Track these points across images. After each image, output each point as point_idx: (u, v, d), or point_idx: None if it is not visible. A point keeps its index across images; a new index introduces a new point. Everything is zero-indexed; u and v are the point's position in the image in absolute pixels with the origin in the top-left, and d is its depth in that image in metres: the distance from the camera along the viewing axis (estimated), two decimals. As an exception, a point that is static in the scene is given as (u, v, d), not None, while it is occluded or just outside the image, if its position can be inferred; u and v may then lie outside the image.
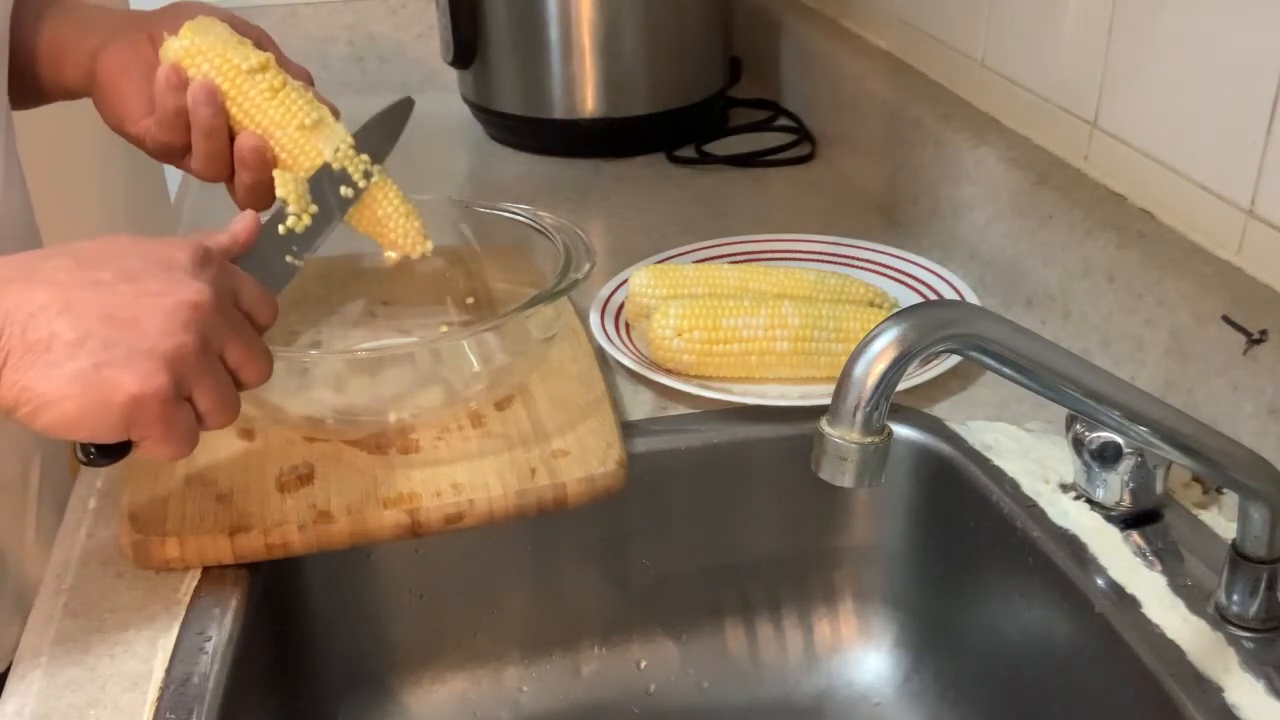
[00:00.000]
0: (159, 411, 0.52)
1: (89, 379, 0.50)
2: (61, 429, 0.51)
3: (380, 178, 0.71)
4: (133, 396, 0.51)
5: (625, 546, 0.81)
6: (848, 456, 0.49)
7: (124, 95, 0.69)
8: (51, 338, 0.50)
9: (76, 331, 0.51)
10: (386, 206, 0.70)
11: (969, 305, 0.80)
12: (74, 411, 0.51)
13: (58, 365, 0.50)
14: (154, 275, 0.53)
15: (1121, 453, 0.66)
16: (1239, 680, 0.57)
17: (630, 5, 1.19)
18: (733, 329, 0.79)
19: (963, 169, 0.94)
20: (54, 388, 0.50)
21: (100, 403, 0.51)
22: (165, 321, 0.52)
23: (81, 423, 0.51)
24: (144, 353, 0.51)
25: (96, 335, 0.51)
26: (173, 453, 0.54)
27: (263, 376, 0.58)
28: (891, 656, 0.82)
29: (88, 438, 0.53)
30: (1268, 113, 0.67)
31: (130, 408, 0.51)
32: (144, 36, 0.71)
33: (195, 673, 0.60)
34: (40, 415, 0.51)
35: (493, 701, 0.81)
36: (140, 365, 0.51)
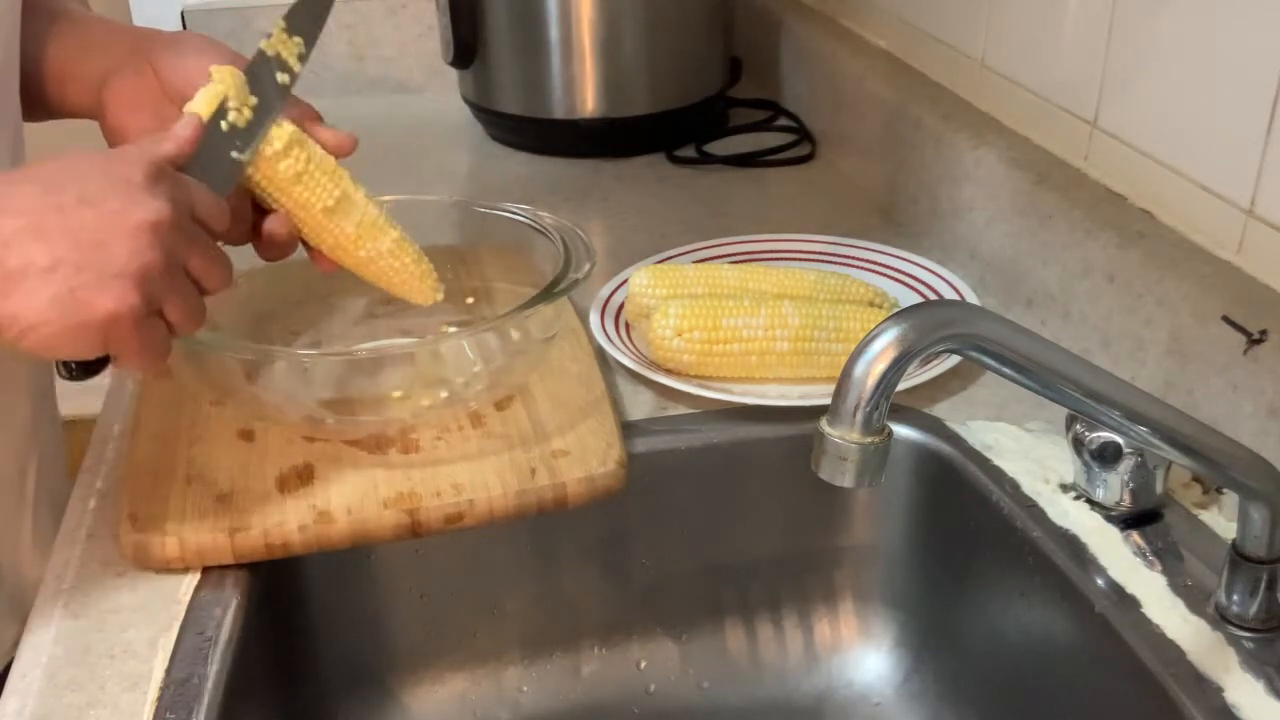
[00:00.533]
0: (133, 328, 0.56)
1: (65, 303, 0.54)
2: (45, 350, 0.56)
3: (399, 247, 0.70)
4: (108, 316, 0.55)
5: (625, 546, 0.81)
6: (848, 456, 0.49)
7: (129, 133, 0.69)
8: (27, 265, 0.54)
9: (48, 258, 0.54)
10: (404, 273, 0.70)
11: (969, 305, 0.80)
12: (54, 334, 0.55)
13: (35, 292, 0.54)
14: (114, 194, 0.56)
15: (1121, 453, 0.66)
16: (1239, 680, 0.57)
17: (630, 5, 1.19)
18: (733, 329, 0.79)
19: (963, 169, 0.94)
20: (34, 313, 0.54)
21: (79, 324, 0.55)
22: (130, 242, 0.55)
23: (62, 343, 0.55)
24: (114, 274, 0.55)
25: (67, 261, 0.54)
26: (147, 365, 0.58)
27: (224, 282, 0.61)
28: (891, 656, 0.82)
29: (70, 356, 0.57)
30: (1268, 113, 0.67)
31: (106, 327, 0.55)
32: (147, 67, 0.70)
33: (195, 673, 0.60)
34: (25, 338, 0.55)
35: (493, 701, 0.81)
36: (112, 287, 0.55)
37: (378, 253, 0.69)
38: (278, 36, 0.69)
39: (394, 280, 0.71)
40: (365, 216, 0.68)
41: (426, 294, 0.72)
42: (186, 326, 0.60)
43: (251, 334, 0.79)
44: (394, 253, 0.70)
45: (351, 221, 0.68)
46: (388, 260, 0.70)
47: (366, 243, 0.69)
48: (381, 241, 0.69)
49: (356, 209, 0.68)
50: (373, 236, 0.69)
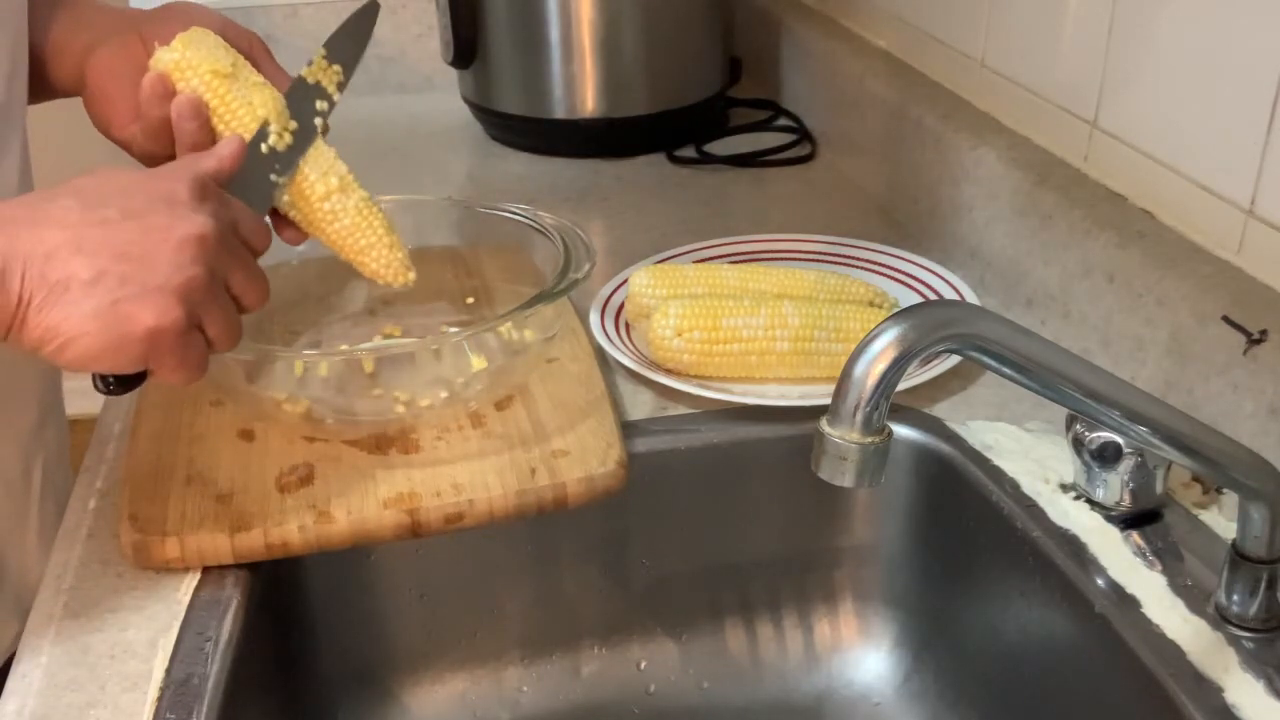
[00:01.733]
0: (174, 342, 0.55)
1: (108, 316, 0.53)
2: (86, 362, 0.55)
3: (368, 207, 0.69)
4: (150, 330, 0.54)
5: (625, 546, 0.81)
6: (848, 456, 0.49)
7: (112, 100, 0.70)
8: (69, 278, 0.53)
9: (91, 270, 0.53)
10: (370, 236, 0.69)
11: (969, 305, 0.80)
12: (96, 346, 0.54)
13: (77, 304, 0.53)
14: (158, 210, 0.56)
15: (1121, 453, 0.66)
16: (1239, 680, 0.57)
17: (630, 5, 1.19)
18: (733, 329, 0.79)
19: (963, 169, 0.94)
20: (76, 325, 0.53)
21: (120, 337, 0.54)
22: (174, 256, 0.55)
23: (103, 356, 0.54)
24: (157, 288, 0.54)
25: (111, 273, 0.54)
26: (186, 378, 0.58)
27: (262, 300, 0.61)
28: (891, 656, 0.82)
29: (109, 369, 0.57)
30: (1268, 113, 0.67)
31: (148, 341, 0.54)
32: (135, 39, 0.70)
33: (195, 673, 0.60)
34: (65, 351, 0.54)
35: (493, 701, 0.81)
36: (155, 300, 0.54)
37: (344, 209, 0.68)
38: (318, 64, 0.70)
39: (361, 246, 0.69)
40: (334, 169, 0.68)
41: (396, 269, 0.70)
42: (225, 342, 0.59)
43: (251, 334, 0.79)
44: (361, 211, 0.68)
45: (317, 171, 0.68)
46: (354, 218, 0.68)
47: (332, 195, 0.68)
48: (348, 198, 0.69)
49: (324, 159, 0.68)
50: (340, 190, 0.68)
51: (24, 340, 0.54)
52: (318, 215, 0.69)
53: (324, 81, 0.70)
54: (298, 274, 0.74)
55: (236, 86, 0.68)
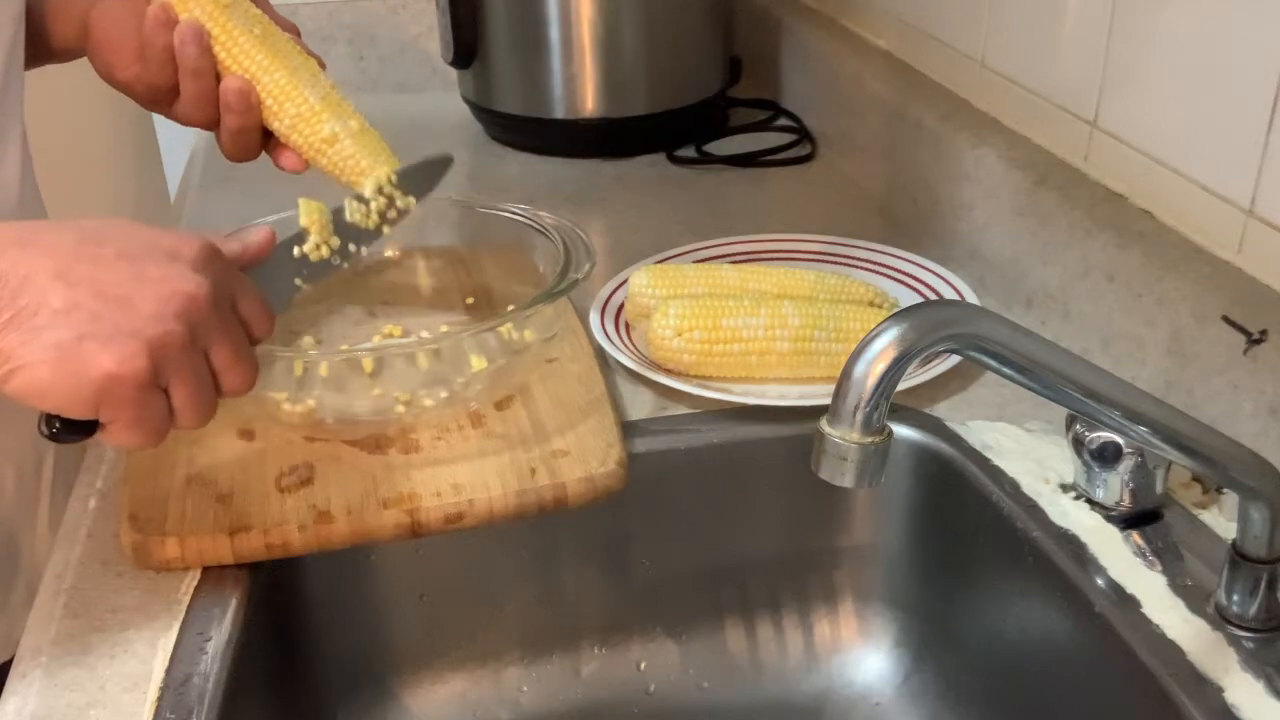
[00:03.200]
0: (131, 395, 0.51)
1: (67, 349, 0.50)
2: (31, 394, 0.51)
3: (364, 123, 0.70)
4: (108, 374, 0.50)
5: (625, 546, 0.81)
6: (848, 456, 0.49)
7: (115, 44, 0.70)
8: (40, 304, 0.50)
9: (65, 301, 0.50)
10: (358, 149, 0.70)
11: (969, 305, 0.80)
12: (46, 378, 0.50)
13: (40, 331, 0.50)
14: (155, 261, 0.53)
15: (1121, 453, 0.66)
16: (1239, 680, 0.57)
17: (630, 5, 1.19)
18: (733, 329, 0.79)
19: (963, 169, 0.94)
20: (31, 352, 0.50)
21: (74, 374, 0.50)
22: (157, 306, 0.52)
23: (51, 391, 0.51)
24: (129, 333, 0.51)
25: (84, 308, 0.50)
26: (138, 441, 0.53)
27: (245, 387, 0.57)
28: (891, 656, 0.82)
29: (55, 408, 0.52)
30: (1268, 113, 0.67)
31: (103, 385, 0.51)
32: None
33: (195, 673, 0.60)
34: (12, 378, 0.50)
35: (493, 701, 0.81)
36: (122, 345, 0.51)
37: (343, 131, 0.69)
38: (384, 183, 0.70)
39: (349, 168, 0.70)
40: (329, 95, 0.69)
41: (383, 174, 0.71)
42: (189, 416, 0.55)
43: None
44: (358, 138, 0.70)
45: (316, 94, 0.68)
46: (343, 145, 0.69)
47: (328, 118, 0.69)
48: (341, 123, 0.69)
49: (320, 84, 0.69)
50: (337, 114, 0.69)
51: None
52: (319, 139, 0.69)
53: (375, 205, 0.69)
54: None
55: (237, 15, 0.69)
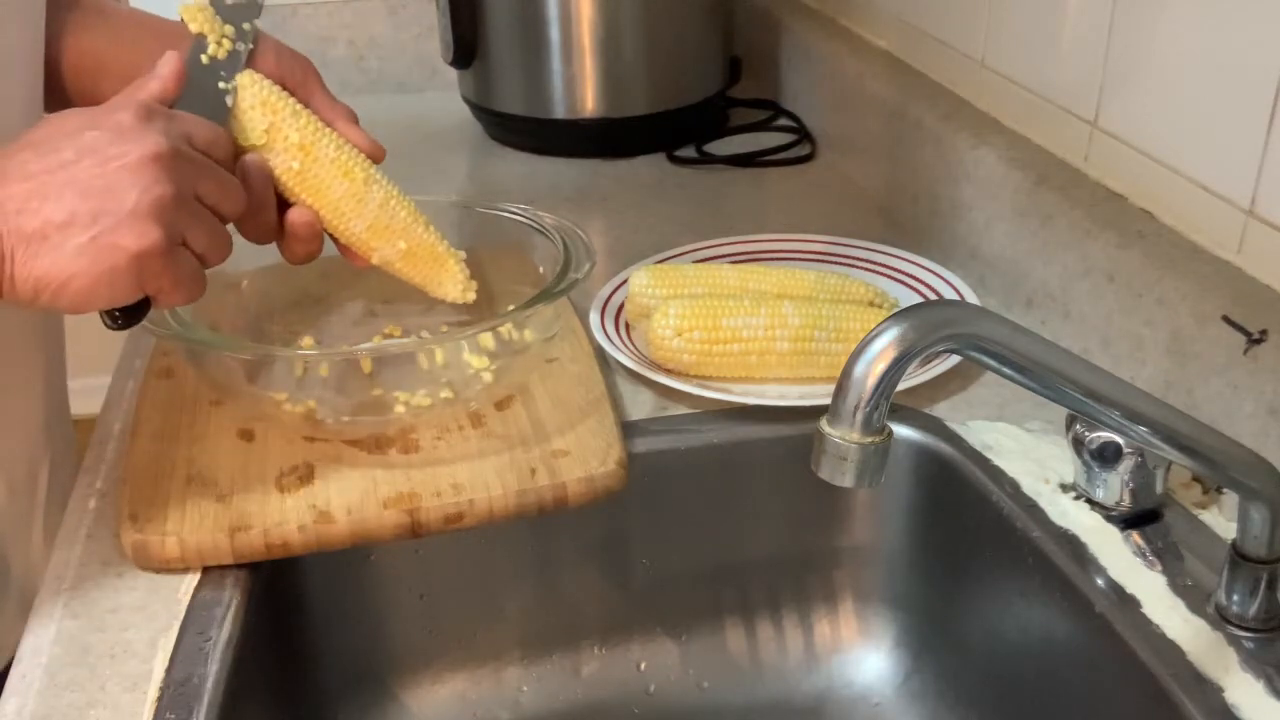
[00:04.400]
0: (162, 262, 0.56)
1: (91, 252, 0.54)
2: (83, 302, 0.55)
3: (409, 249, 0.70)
4: (134, 256, 0.55)
5: (625, 546, 0.81)
6: (848, 456, 0.49)
7: None
8: (44, 224, 0.54)
9: (63, 213, 0.54)
10: (411, 273, 0.71)
11: (969, 305, 0.80)
12: (88, 284, 0.55)
13: (59, 248, 0.54)
14: (109, 142, 0.56)
15: (1121, 453, 0.66)
16: (1239, 680, 0.57)
17: (630, 5, 1.19)
18: (733, 329, 0.79)
19: (963, 169, 0.94)
20: (64, 268, 0.54)
21: (109, 269, 0.55)
22: (135, 179, 0.55)
23: (98, 291, 0.55)
24: (129, 215, 0.55)
25: (81, 211, 0.54)
26: (185, 296, 0.59)
27: (240, 205, 0.62)
28: (891, 656, 0.82)
29: (108, 304, 0.57)
30: (1268, 113, 0.67)
31: (136, 266, 0.55)
32: None
33: (195, 673, 0.60)
34: (61, 295, 0.55)
35: (493, 701, 0.81)
36: (130, 227, 0.55)
37: (392, 256, 0.70)
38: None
39: (416, 283, 0.71)
40: (378, 220, 0.68)
41: (455, 295, 0.72)
42: (214, 253, 0.60)
43: (251, 334, 0.79)
44: (406, 260, 0.70)
45: (362, 224, 0.68)
46: (400, 266, 0.70)
47: (377, 245, 0.69)
48: (390, 248, 0.69)
49: (367, 210, 0.68)
50: (384, 241, 0.69)
51: (18, 295, 0.55)
52: (375, 261, 0.70)
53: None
54: (298, 274, 0.74)
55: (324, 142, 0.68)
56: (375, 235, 0.69)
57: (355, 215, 0.68)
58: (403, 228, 0.69)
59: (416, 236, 0.70)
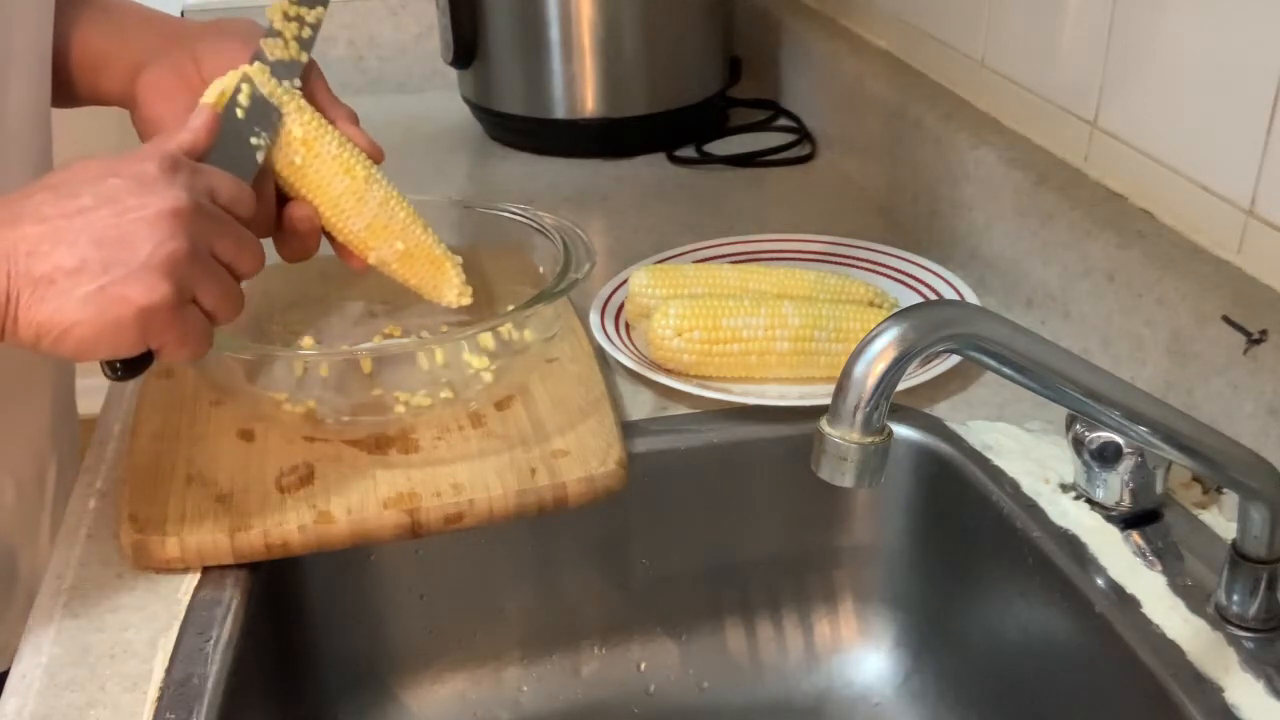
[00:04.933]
0: (169, 317, 0.55)
1: (98, 301, 0.53)
2: (84, 351, 0.55)
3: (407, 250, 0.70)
4: (141, 309, 0.54)
5: (625, 546, 0.81)
6: (848, 456, 0.49)
7: (163, 121, 0.69)
8: (54, 270, 0.53)
9: (74, 259, 0.53)
10: (408, 274, 0.71)
11: (969, 305, 0.80)
12: (91, 333, 0.54)
13: (66, 294, 0.53)
14: (130, 192, 0.56)
15: (1121, 453, 0.66)
16: (1239, 680, 0.57)
17: (630, 5, 1.19)
18: (733, 329, 0.79)
19: (963, 169, 0.94)
20: (68, 315, 0.53)
21: (114, 320, 0.54)
22: (151, 233, 0.55)
23: (100, 341, 0.54)
24: (140, 267, 0.54)
25: (93, 259, 0.54)
26: (190, 353, 0.58)
27: (257, 265, 0.61)
28: (891, 656, 0.82)
29: (110, 354, 0.56)
30: (1268, 113, 0.67)
31: (142, 320, 0.54)
32: (187, 58, 0.69)
33: (195, 673, 0.60)
34: (63, 342, 0.54)
35: (493, 701, 0.81)
36: (141, 280, 0.54)
37: (389, 257, 0.70)
38: (287, 8, 0.69)
39: (412, 285, 0.71)
40: (377, 219, 0.68)
41: (450, 299, 0.72)
42: (224, 312, 0.59)
43: (251, 334, 0.79)
44: (403, 261, 0.70)
45: (361, 222, 0.68)
46: (396, 267, 0.70)
47: (374, 245, 0.69)
48: (388, 248, 0.69)
49: (366, 209, 0.68)
50: (382, 241, 0.69)
51: (20, 339, 0.54)
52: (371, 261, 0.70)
53: (292, 37, 0.69)
54: (298, 274, 0.74)
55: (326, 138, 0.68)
56: (373, 234, 0.69)
57: (355, 213, 0.68)
58: (401, 228, 0.69)
59: (414, 238, 0.70)
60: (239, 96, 0.65)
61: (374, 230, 0.69)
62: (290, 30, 0.69)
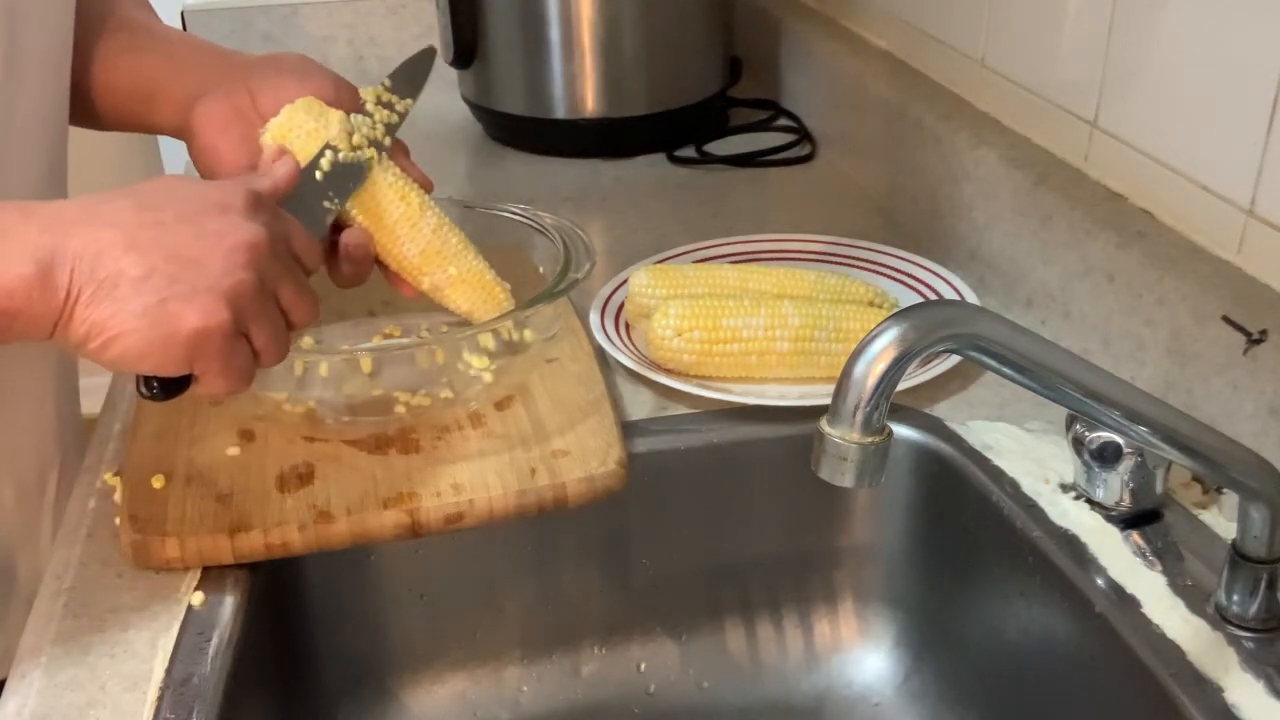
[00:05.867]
0: (220, 345, 0.55)
1: (155, 314, 0.53)
2: (129, 361, 0.54)
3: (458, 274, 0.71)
4: (196, 330, 0.54)
5: (625, 546, 0.81)
6: (848, 456, 0.49)
7: (220, 155, 0.69)
8: (119, 275, 0.53)
9: (141, 268, 0.53)
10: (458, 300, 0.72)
11: (969, 305, 0.80)
12: (141, 344, 0.53)
13: (125, 301, 0.53)
14: (211, 217, 0.56)
15: (1121, 453, 0.66)
16: (1239, 680, 0.57)
17: (630, 5, 1.19)
18: (733, 329, 0.79)
19: (963, 169, 0.94)
20: (122, 322, 0.53)
21: (166, 336, 0.54)
22: (225, 260, 0.55)
23: (147, 355, 0.54)
24: (206, 289, 0.54)
25: (161, 272, 0.53)
26: (229, 386, 0.57)
27: (310, 316, 0.61)
28: (891, 656, 0.82)
29: (152, 370, 0.56)
30: (1268, 113, 0.67)
31: (193, 341, 0.54)
32: (242, 89, 0.70)
33: (195, 673, 0.60)
34: (110, 348, 0.53)
35: (493, 701, 0.81)
36: (203, 301, 0.54)
37: (442, 282, 0.71)
38: (381, 94, 0.71)
39: (463, 311, 0.72)
40: (430, 245, 0.69)
41: (501, 299, 0.73)
42: (271, 354, 0.59)
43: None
44: (455, 286, 0.71)
45: (416, 248, 0.69)
46: (448, 293, 0.71)
47: (428, 270, 0.70)
48: (441, 273, 0.70)
49: (421, 235, 0.69)
50: (435, 266, 0.70)
51: (70, 336, 0.54)
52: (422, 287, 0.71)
53: (385, 112, 0.71)
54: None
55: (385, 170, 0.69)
56: (427, 260, 0.70)
57: (410, 239, 0.69)
58: (454, 254, 0.71)
59: (467, 263, 0.71)
60: (320, 161, 0.66)
61: (428, 256, 0.70)
62: (380, 115, 0.71)
